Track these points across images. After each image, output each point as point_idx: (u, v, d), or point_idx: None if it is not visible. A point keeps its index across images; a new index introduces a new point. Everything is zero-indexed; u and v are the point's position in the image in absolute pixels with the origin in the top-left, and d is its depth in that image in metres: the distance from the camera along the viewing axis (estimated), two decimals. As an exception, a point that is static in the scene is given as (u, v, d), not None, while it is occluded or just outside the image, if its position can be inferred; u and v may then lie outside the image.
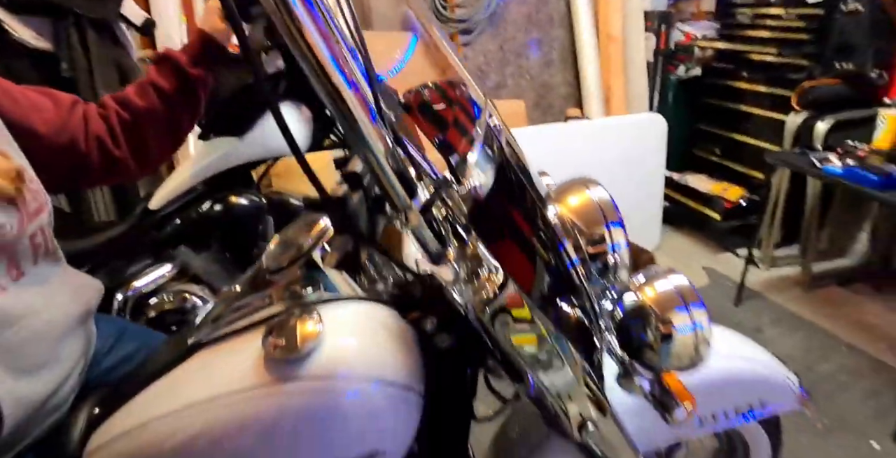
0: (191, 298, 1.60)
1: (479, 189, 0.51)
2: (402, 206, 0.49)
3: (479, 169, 0.51)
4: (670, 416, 0.65)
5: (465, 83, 0.61)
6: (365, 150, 0.47)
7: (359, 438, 0.61)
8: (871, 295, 2.44)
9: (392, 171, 0.47)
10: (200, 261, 1.60)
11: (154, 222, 1.56)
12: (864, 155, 2.01)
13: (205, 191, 1.61)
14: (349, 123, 0.46)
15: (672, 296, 0.63)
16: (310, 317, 0.59)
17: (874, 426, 1.70)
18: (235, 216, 1.60)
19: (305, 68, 0.44)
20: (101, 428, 0.64)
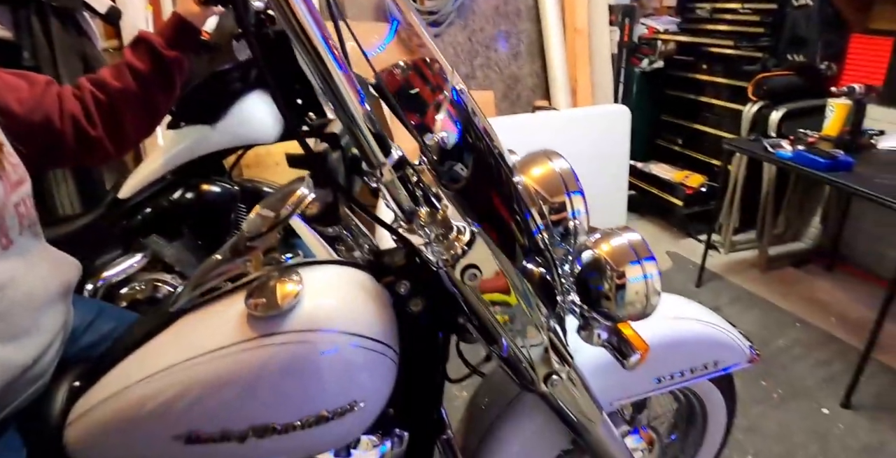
0: (163, 286, 1.60)
1: (445, 139, 0.55)
2: (377, 162, 0.53)
3: (445, 124, 0.55)
4: (626, 361, 0.70)
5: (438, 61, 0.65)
6: (343, 110, 0.51)
7: (338, 389, 0.63)
8: (823, 275, 2.58)
9: (368, 129, 0.51)
10: (172, 250, 1.59)
11: (124, 212, 1.56)
12: (814, 141, 2.13)
13: (176, 179, 1.60)
14: (329, 84, 0.49)
15: (626, 250, 0.68)
16: (289, 277, 0.62)
17: (824, 393, 1.82)
18: (208, 204, 1.59)
19: (287, 29, 0.48)
20: (83, 399, 0.65)
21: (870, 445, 1.62)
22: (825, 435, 1.66)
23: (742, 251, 2.77)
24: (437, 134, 0.53)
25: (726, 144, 2.33)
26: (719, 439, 1.21)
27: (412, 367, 0.72)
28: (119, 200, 1.54)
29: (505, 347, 0.72)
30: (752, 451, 1.59)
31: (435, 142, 0.53)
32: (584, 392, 0.83)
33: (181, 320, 0.66)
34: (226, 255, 0.72)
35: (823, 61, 2.45)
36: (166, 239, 1.59)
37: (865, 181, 1.78)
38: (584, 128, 2.66)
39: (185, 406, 0.60)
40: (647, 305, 0.67)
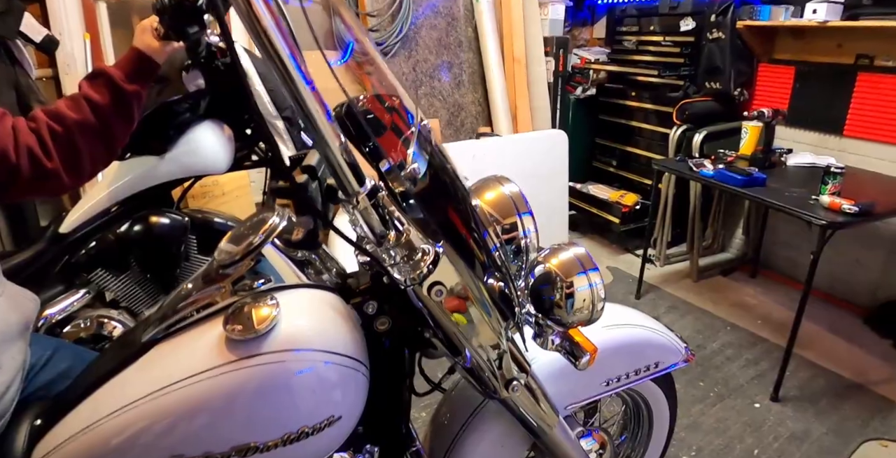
0: (108, 323, 1.53)
1: (417, 171, 0.62)
2: (353, 191, 0.59)
3: (415, 161, 0.62)
4: (578, 363, 0.78)
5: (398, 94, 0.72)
6: (322, 143, 0.56)
7: (316, 404, 0.66)
8: (747, 281, 2.80)
9: (345, 161, 0.57)
10: (118, 284, 1.54)
11: (66, 246, 1.50)
12: (732, 160, 2.34)
13: (122, 212, 1.56)
14: (310, 121, 0.55)
15: (573, 262, 0.77)
16: (264, 301, 0.65)
17: (755, 389, 1.98)
18: (157, 236, 1.55)
19: (274, 69, 0.53)
20: (47, 437, 0.64)
21: (797, 432, 1.78)
22: (759, 427, 1.80)
23: (675, 263, 2.96)
24: (409, 166, 0.60)
25: (655, 165, 2.52)
26: (664, 436, 1.31)
27: (380, 383, 0.75)
28: (60, 235, 1.49)
29: (468, 357, 0.77)
30: (695, 447, 1.71)
31: (409, 172, 0.60)
32: (542, 397, 0.91)
33: (154, 350, 0.66)
34: (197, 283, 0.75)
35: (736, 88, 2.70)
36: (112, 273, 1.54)
37: (778, 195, 1.98)
38: (525, 152, 2.80)
39: (167, 433, 0.60)
40: (593, 310, 0.76)
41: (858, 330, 2.35)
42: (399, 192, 0.66)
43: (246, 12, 0.50)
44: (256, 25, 0.50)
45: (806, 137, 2.60)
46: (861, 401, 1.92)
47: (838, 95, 2.44)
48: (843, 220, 1.76)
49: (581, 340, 0.79)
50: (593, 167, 3.45)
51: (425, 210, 0.67)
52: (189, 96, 1.59)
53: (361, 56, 0.82)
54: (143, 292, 1.59)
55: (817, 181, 1.94)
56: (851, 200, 1.81)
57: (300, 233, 0.61)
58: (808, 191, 1.96)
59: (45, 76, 2.22)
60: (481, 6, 2.89)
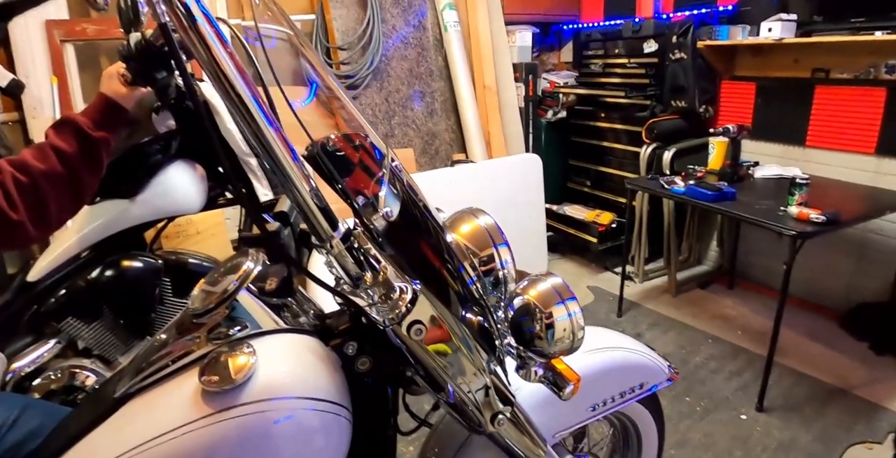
0: (80, 373, 1.48)
1: (389, 214, 0.62)
2: (327, 236, 0.59)
3: (388, 202, 0.63)
4: (562, 393, 0.78)
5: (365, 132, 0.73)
6: (292, 189, 0.56)
7: (300, 454, 0.65)
8: (725, 292, 2.85)
9: (316, 207, 0.57)
10: (90, 332, 1.49)
11: (34, 295, 1.45)
12: (702, 175, 2.40)
13: (93, 257, 1.52)
14: (278, 166, 0.55)
15: (550, 293, 0.77)
16: (241, 349, 0.64)
17: (740, 400, 1.99)
18: (130, 281, 1.52)
19: (236, 115, 0.53)
20: None
21: (784, 441, 1.79)
22: (746, 439, 1.81)
23: (654, 279, 2.99)
24: (381, 209, 0.61)
25: (628, 184, 2.57)
26: (654, 456, 1.31)
27: (364, 423, 0.74)
28: (28, 283, 1.45)
29: (451, 393, 0.77)
30: (686, 465, 1.71)
31: (381, 216, 0.60)
32: (528, 428, 0.90)
33: (127, 406, 0.65)
34: (171, 334, 0.73)
35: (701, 105, 2.79)
36: (84, 321, 1.48)
37: (748, 208, 2.03)
38: (500, 177, 2.83)
39: None
40: (574, 340, 0.76)
41: (835, 334, 2.39)
42: (373, 229, 0.67)
43: (205, 56, 0.51)
44: (216, 69, 0.51)
45: (771, 149, 2.68)
46: (844, 406, 1.95)
47: (798, 107, 2.53)
48: (812, 229, 1.81)
49: (564, 369, 0.79)
50: (568, 188, 3.50)
51: (399, 248, 0.67)
52: (160, 137, 1.57)
53: (327, 93, 0.83)
54: (116, 339, 1.53)
55: (785, 193, 2.00)
56: (818, 209, 1.86)
57: (274, 283, 0.61)
58: (777, 202, 2.02)
59: (10, 120, 2.18)
60: (450, 36, 2.95)
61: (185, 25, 0.51)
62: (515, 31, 3.17)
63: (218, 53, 0.52)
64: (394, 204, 0.64)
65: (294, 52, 2.32)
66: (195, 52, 0.51)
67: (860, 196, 2.23)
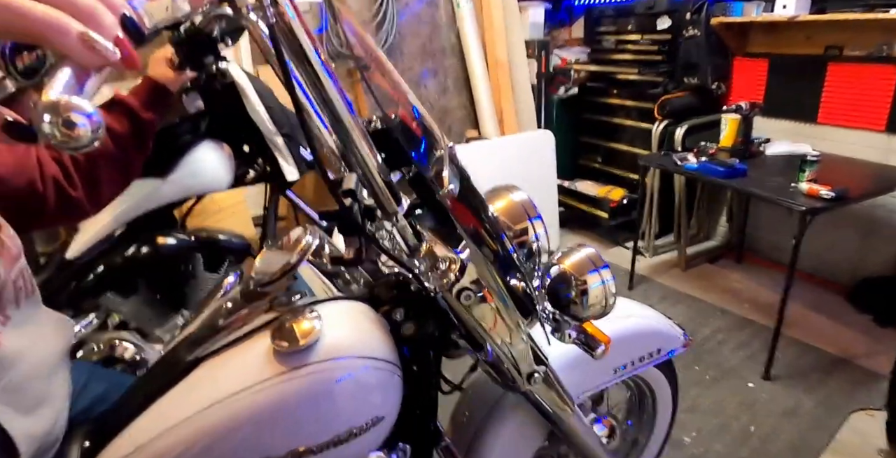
0: (120, 344, 1.56)
1: (454, 192, 0.68)
2: (392, 210, 0.65)
3: (452, 180, 0.68)
4: (594, 353, 0.85)
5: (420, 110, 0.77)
6: (362, 166, 0.62)
7: (361, 408, 0.71)
8: (734, 267, 2.91)
9: (383, 182, 0.63)
10: (127, 306, 1.56)
11: (73, 272, 1.52)
12: (714, 152, 2.44)
13: (127, 235, 1.58)
14: (350, 143, 0.60)
15: (585, 262, 0.84)
16: (306, 315, 0.70)
17: (748, 369, 2.08)
18: (164, 257, 1.58)
19: (315, 96, 0.58)
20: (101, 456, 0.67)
21: (788, 408, 1.88)
22: (752, 405, 1.90)
23: (664, 254, 3.06)
24: (447, 187, 0.67)
25: (641, 161, 2.61)
26: (668, 419, 1.40)
27: (409, 384, 0.80)
28: (67, 261, 1.51)
29: (490, 352, 0.84)
30: (695, 427, 1.80)
31: (445, 193, 0.66)
32: (559, 387, 0.98)
33: (201, 368, 0.69)
34: (237, 302, 0.80)
35: (714, 82, 2.80)
36: (121, 296, 1.56)
37: (759, 184, 2.08)
38: (513, 153, 2.87)
39: (225, 443, 0.64)
40: (606, 304, 0.83)
41: (841, 307, 2.47)
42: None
43: (283, 26, 0.54)
44: (298, 49, 0.54)
45: (782, 126, 2.71)
46: (847, 375, 2.03)
47: (810, 84, 2.55)
48: (822, 205, 1.86)
49: (595, 332, 0.86)
50: (580, 164, 3.53)
51: (456, 220, 0.73)
52: (188, 118, 1.63)
53: (363, 64, 0.86)
54: (152, 313, 1.62)
55: (795, 169, 2.04)
56: (828, 185, 1.91)
57: (351, 253, 0.67)
58: (787, 179, 2.06)
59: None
60: (463, 12, 2.96)
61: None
62: (527, 7, 3.16)
63: (294, 24, 0.55)
64: (455, 181, 0.70)
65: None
66: (276, 26, 0.55)
67: (869, 173, 2.28)
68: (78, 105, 0.40)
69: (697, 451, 1.70)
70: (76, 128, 0.40)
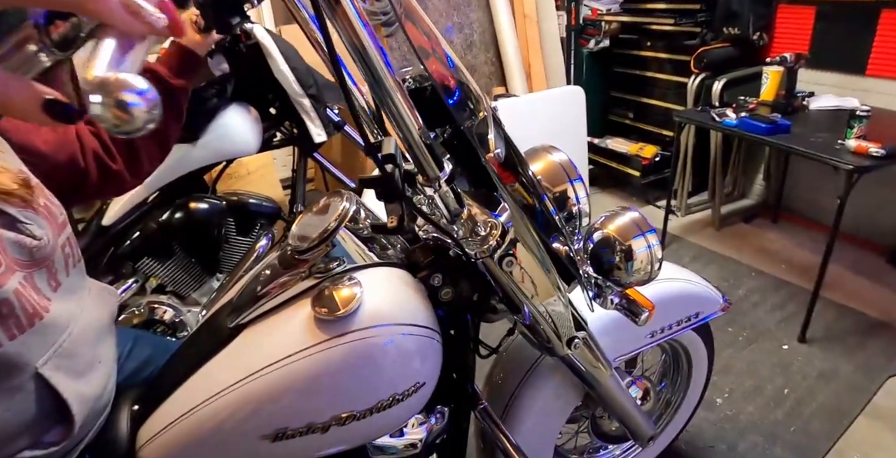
0: (159, 308, 1.62)
1: (500, 156, 0.65)
2: (434, 176, 0.63)
3: (498, 143, 0.66)
4: (638, 319, 0.84)
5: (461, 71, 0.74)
6: (403, 129, 0.58)
7: (403, 374, 0.71)
8: (769, 227, 2.83)
9: (424, 145, 0.60)
10: (165, 270, 1.60)
11: (110, 238, 1.56)
12: (754, 107, 2.33)
13: (160, 200, 1.61)
14: (390, 105, 0.56)
15: (630, 226, 0.81)
16: (345, 283, 0.69)
17: (783, 331, 2.04)
18: (197, 222, 1.60)
19: (357, 59, 0.54)
20: (148, 423, 0.69)
21: (825, 371, 1.85)
22: (787, 368, 1.87)
23: (697, 213, 2.98)
24: (494, 151, 0.64)
25: (677, 117, 2.51)
26: (703, 381, 1.39)
27: (448, 348, 0.80)
28: (104, 228, 1.55)
29: (528, 315, 0.82)
30: (728, 389, 1.79)
31: (493, 156, 0.63)
32: (597, 351, 0.97)
33: (243, 335, 0.70)
34: (276, 269, 0.79)
35: (756, 32, 2.64)
36: (158, 261, 1.59)
37: (802, 141, 1.99)
38: (542, 111, 2.78)
39: (271, 410, 0.65)
40: (651, 270, 0.81)
41: (882, 270, 2.39)
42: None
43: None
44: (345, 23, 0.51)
45: (827, 79, 2.56)
46: (886, 338, 1.98)
47: (861, 33, 2.39)
48: (871, 164, 1.77)
49: (639, 297, 0.84)
50: (610, 121, 3.43)
51: (502, 187, 0.70)
52: (215, 82, 1.61)
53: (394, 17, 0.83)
54: (188, 277, 1.65)
55: (842, 125, 1.94)
56: (878, 142, 1.81)
57: (395, 220, 0.65)
58: (833, 135, 1.96)
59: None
60: (489, -38, 2.83)
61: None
62: (557, -45, 3.01)
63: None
64: (501, 145, 0.67)
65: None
66: None
67: (922, 128, 2.15)
68: (130, 83, 0.36)
69: (730, 412, 1.70)
70: (130, 109, 0.36)
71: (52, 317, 0.61)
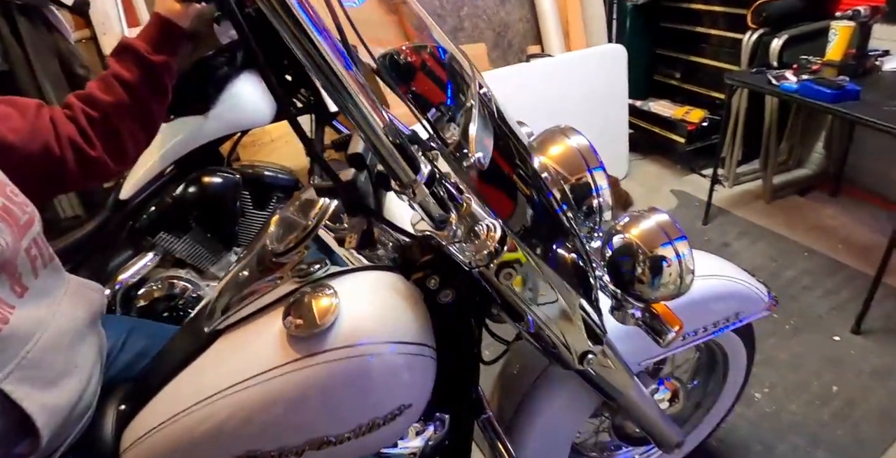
0: (179, 282, 1.62)
1: (482, 160, 0.54)
2: (408, 181, 0.52)
3: (480, 141, 0.54)
4: (662, 340, 0.72)
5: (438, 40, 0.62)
6: (366, 129, 0.49)
7: (386, 396, 0.65)
8: (828, 201, 2.59)
9: (393, 146, 0.50)
10: (182, 245, 1.60)
11: (128, 213, 1.55)
12: (818, 68, 2.07)
13: (175, 174, 1.59)
14: (349, 106, 0.47)
15: (656, 232, 0.69)
16: (323, 292, 0.63)
17: (835, 321, 1.86)
18: (212, 196, 1.59)
19: (299, 53, 0.45)
20: (132, 425, 0.67)
21: (881, 368, 1.68)
22: (838, 362, 1.71)
23: (746, 184, 2.76)
24: (473, 155, 0.52)
25: (729, 79, 2.28)
26: (740, 381, 1.27)
27: (448, 352, 0.73)
28: (121, 202, 1.53)
29: (531, 323, 0.73)
30: (768, 383, 1.66)
31: (472, 163, 0.52)
32: (617, 363, 0.86)
33: (219, 342, 0.67)
34: (253, 272, 0.72)
35: (824, -19, 2.35)
36: (175, 235, 1.59)
37: (874, 110, 1.75)
38: (580, 72, 2.60)
39: (241, 429, 0.61)
40: (681, 285, 0.69)
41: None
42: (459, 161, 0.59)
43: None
44: None
45: (907, 35, 2.26)
46: (958, 334, 1.79)
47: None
48: (954, 136, 1.55)
49: (665, 313, 0.72)
50: (654, 82, 3.18)
51: (483, 199, 0.60)
52: (224, 49, 1.54)
53: None
54: (206, 251, 1.65)
55: (922, 89, 1.69)
56: (964, 110, 1.58)
57: (353, 239, 0.55)
58: (912, 102, 1.73)
59: (83, 38, 2.20)
60: None
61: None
62: None
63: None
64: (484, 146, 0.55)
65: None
66: None
67: None
68: None
69: (769, 409, 1.57)
70: None
71: (11, 328, 0.58)
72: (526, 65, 2.56)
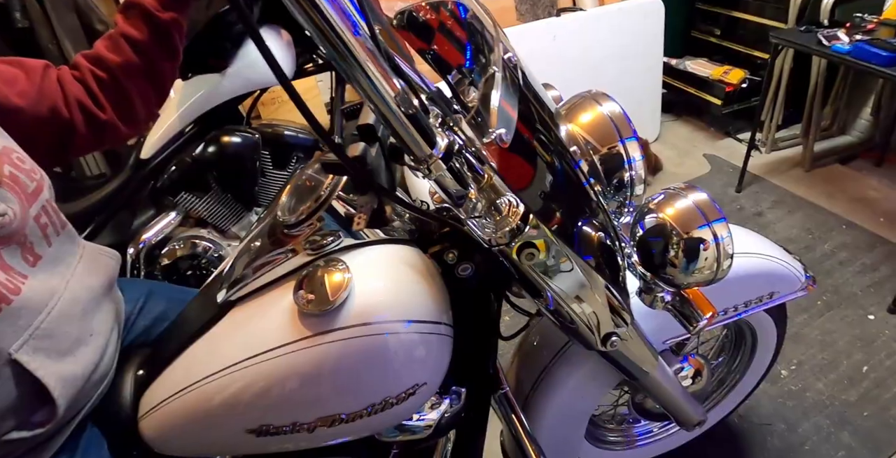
0: (201, 242, 1.64)
1: (504, 137, 0.48)
2: (423, 156, 0.48)
3: (503, 113, 0.48)
4: (692, 326, 0.68)
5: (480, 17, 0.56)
6: (376, 101, 0.44)
7: (399, 375, 0.63)
8: (872, 171, 2.45)
9: (406, 118, 0.45)
10: (203, 204, 1.60)
11: (149, 172, 1.55)
12: (874, 27, 1.91)
13: (195, 133, 1.57)
14: (356, 75, 0.43)
15: (693, 213, 0.63)
16: (336, 267, 0.60)
17: (871, 298, 1.79)
18: (231, 155, 1.57)
19: (298, 15, 0.40)
20: (150, 391, 0.67)
21: (917, 350, 1.62)
22: (871, 342, 1.65)
23: (785, 150, 2.63)
24: (494, 130, 0.47)
25: (774, 37, 2.12)
26: (768, 360, 1.23)
27: (466, 326, 0.71)
28: (143, 161, 1.53)
29: (551, 299, 0.70)
30: (796, 360, 1.61)
31: (493, 139, 0.47)
32: (641, 344, 0.83)
33: (233, 312, 0.66)
34: (265, 242, 0.70)
35: (889, -73, 2.14)
36: (195, 195, 1.59)
37: (933, 74, 1.62)
38: (613, 28, 2.46)
39: (254, 403, 0.61)
40: (717, 271, 0.64)
41: None
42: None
43: None
44: None
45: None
46: None
47: None
48: None
49: (697, 297, 0.68)
50: (692, 38, 3.00)
51: (503, 178, 0.55)
52: (239, 3, 1.49)
53: None
54: (227, 211, 1.65)
55: None
56: None
57: (363, 220, 0.51)
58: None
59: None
60: None
61: None
62: None
63: None
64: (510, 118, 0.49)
65: None
66: None
67: None
68: None
69: (795, 387, 1.53)
70: None
71: (23, 299, 0.57)
72: (556, 19, 2.42)
